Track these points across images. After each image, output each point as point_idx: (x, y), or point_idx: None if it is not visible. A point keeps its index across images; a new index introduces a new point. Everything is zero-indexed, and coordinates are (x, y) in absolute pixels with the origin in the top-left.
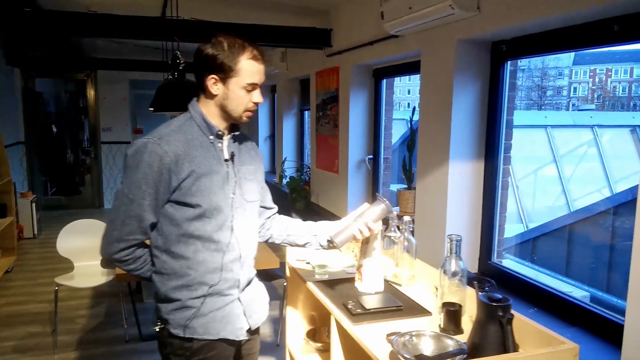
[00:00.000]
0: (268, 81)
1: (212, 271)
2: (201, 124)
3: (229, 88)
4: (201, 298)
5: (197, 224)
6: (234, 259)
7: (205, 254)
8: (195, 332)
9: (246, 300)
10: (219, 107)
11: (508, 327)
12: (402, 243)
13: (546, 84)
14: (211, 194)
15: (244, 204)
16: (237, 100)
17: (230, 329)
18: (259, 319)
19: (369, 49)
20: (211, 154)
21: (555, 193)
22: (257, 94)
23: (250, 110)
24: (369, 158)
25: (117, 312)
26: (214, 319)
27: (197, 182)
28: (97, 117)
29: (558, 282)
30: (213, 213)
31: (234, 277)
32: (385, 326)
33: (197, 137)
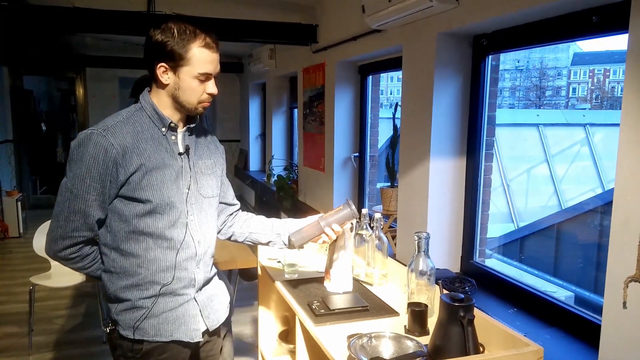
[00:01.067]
0: (258, 79)
1: (165, 270)
2: (152, 115)
3: (180, 77)
4: (152, 298)
5: (148, 220)
6: (189, 257)
7: (157, 252)
8: (145, 333)
9: (203, 300)
10: (171, 97)
11: (469, 328)
12: (373, 241)
13: (545, 84)
14: (162, 188)
15: (200, 199)
16: (190, 91)
17: (185, 330)
18: (217, 320)
19: (353, 44)
20: (163, 146)
21: (548, 193)
22: (212, 85)
23: (205, 101)
24: (354, 156)
25: (96, 313)
26: (166, 320)
27: (146, 176)
28: (86, 116)
29: (543, 282)
30: (165, 209)
31: (188, 277)
32: (349, 327)
33: (148, 129)
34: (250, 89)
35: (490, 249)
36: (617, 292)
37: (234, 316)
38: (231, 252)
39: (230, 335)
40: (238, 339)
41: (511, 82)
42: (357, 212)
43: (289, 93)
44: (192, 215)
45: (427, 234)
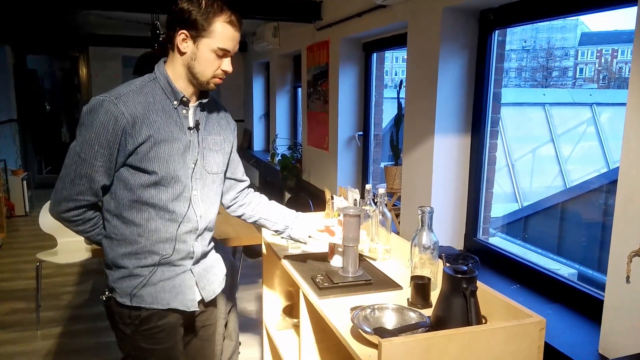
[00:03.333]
0: (261, 58)
1: (165, 241)
2: (165, 87)
3: (198, 48)
4: (151, 267)
5: (152, 191)
6: (190, 230)
7: (159, 223)
8: (142, 300)
9: (199, 272)
10: (186, 67)
11: (472, 300)
12: (377, 217)
13: (552, 65)
14: (169, 161)
15: (205, 175)
16: (206, 64)
17: (181, 299)
18: (212, 291)
19: (358, 21)
20: (173, 120)
21: (553, 173)
22: (228, 62)
23: (218, 77)
24: (358, 134)
25: (102, 289)
26: (163, 289)
27: (154, 148)
28: (90, 95)
29: (547, 260)
30: (170, 182)
31: (187, 249)
32: (353, 300)
33: (160, 101)
34: (254, 68)
35: (494, 228)
36: (621, 267)
37: (239, 293)
38: (236, 229)
39: (235, 310)
40: (243, 315)
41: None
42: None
43: (293, 72)
44: (196, 190)
45: (430, 208)
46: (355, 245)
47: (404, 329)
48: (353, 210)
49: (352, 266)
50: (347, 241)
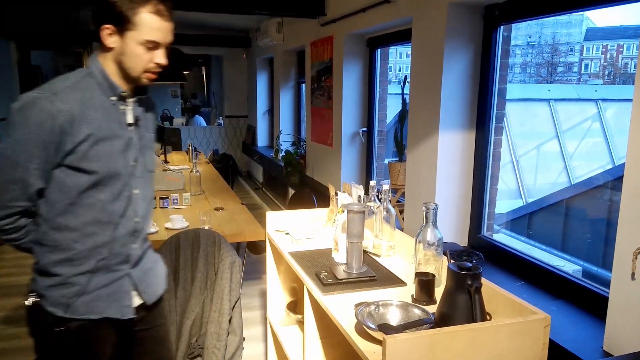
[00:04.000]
0: (265, 54)
1: (102, 245)
2: (102, 83)
3: (125, 42)
4: (87, 274)
5: (90, 192)
6: (129, 232)
7: (96, 226)
8: (76, 311)
9: (138, 276)
10: (116, 63)
11: (476, 296)
12: (381, 213)
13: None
14: (110, 160)
15: (145, 173)
16: (135, 58)
17: (117, 307)
18: (154, 294)
19: (362, 16)
20: (113, 116)
21: (558, 169)
22: (160, 54)
23: (151, 71)
24: (362, 130)
25: None
26: (98, 297)
27: (95, 147)
28: None
29: (551, 256)
30: (110, 181)
31: (125, 252)
32: (357, 296)
33: (97, 97)
34: (258, 64)
35: (499, 224)
36: (626, 264)
37: (243, 288)
38: (239, 226)
39: (239, 306)
40: (247, 311)
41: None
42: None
43: (297, 67)
44: (138, 190)
45: (435, 204)
46: (360, 242)
47: (408, 326)
48: (357, 207)
49: (356, 262)
50: (351, 237)
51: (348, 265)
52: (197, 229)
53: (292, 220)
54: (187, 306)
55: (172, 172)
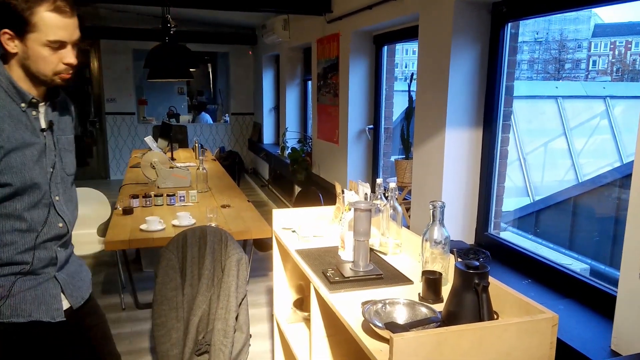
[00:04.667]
0: (271, 51)
1: (23, 252)
2: (9, 90)
3: (27, 45)
4: (10, 277)
5: (6, 203)
6: (53, 237)
7: (15, 235)
8: (1, 314)
9: (64, 279)
10: (22, 68)
11: (483, 295)
12: (387, 211)
13: (564, 57)
14: (24, 170)
15: (65, 178)
16: (41, 61)
17: (45, 309)
18: (81, 297)
19: (368, 13)
20: (23, 124)
21: (565, 167)
22: (68, 53)
23: (61, 72)
24: (369, 128)
25: (114, 281)
26: (24, 300)
27: (5, 159)
28: (101, 88)
29: (558, 255)
30: (27, 191)
31: (50, 256)
32: (363, 294)
33: (5, 106)
34: (264, 61)
35: (506, 222)
36: (634, 262)
37: (250, 285)
38: (245, 223)
39: (245, 303)
40: (253, 308)
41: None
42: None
43: (303, 65)
44: (58, 195)
45: (442, 203)
46: (366, 240)
47: (415, 324)
48: (364, 205)
49: (362, 260)
50: (357, 235)
51: (355, 263)
52: (203, 226)
53: (298, 218)
54: (194, 303)
55: (178, 170)
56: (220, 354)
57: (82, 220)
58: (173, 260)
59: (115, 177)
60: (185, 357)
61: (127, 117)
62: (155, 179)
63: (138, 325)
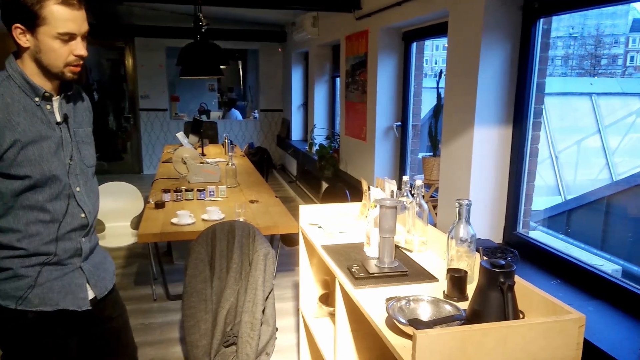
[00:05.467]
0: (300, 48)
1: (48, 243)
2: (22, 85)
3: (38, 39)
4: (36, 267)
5: (28, 195)
6: (76, 228)
7: (39, 226)
8: (29, 303)
9: (89, 269)
10: (35, 62)
11: (509, 294)
12: (413, 208)
13: (600, 53)
14: (42, 162)
15: (85, 169)
16: (52, 54)
17: (71, 298)
18: (104, 287)
19: (397, 9)
20: (38, 118)
21: (599, 165)
22: (78, 46)
23: (72, 64)
24: (396, 125)
25: (147, 272)
26: (51, 289)
27: (22, 152)
28: (135, 85)
29: (589, 255)
30: (47, 182)
31: (74, 247)
32: (388, 291)
33: (19, 100)
34: (293, 58)
35: (535, 221)
36: None
37: (276, 280)
38: (273, 218)
39: (272, 297)
40: (280, 302)
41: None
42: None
43: (332, 62)
44: (79, 187)
45: (468, 201)
46: (392, 237)
47: (438, 321)
48: (390, 202)
49: (387, 257)
50: (383, 232)
51: (380, 259)
52: (232, 221)
53: (325, 214)
54: (223, 295)
55: (208, 165)
56: (247, 346)
57: (117, 213)
58: (202, 253)
59: (148, 171)
60: (213, 347)
61: (160, 114)
62: (186, 174)
63: (169, 315)
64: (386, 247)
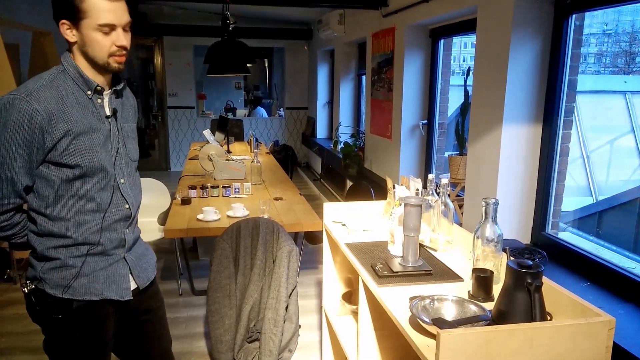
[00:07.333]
0: (326, 45)
1: (95, 232)
2: (76, 78)
3: (82, 32)
4: (82, 257)
5: (77, 184)
6: (120, 219)
7: (87, 215)
8: (76, 292)
9: (133, 260)
10: (83, 56)
11: (536, 295)
12: (439, 207)
13: (635, 50)
14: (92, 153)
15: (130, 163)
16: (95, 45)
17: (115, 288)
18: (147, 278)
19: (425, 6)
20: (90, 110)
21: (633, 166)
22: (120, 36)
23: (116, 55)
24: (422, 123)
25: (173, 268)
26: (96, 279)
27: (74, 142)
28: (163, 83)
29: (621, 257)
30: (95, 173)
31: (119, 237)
32: (412, 290)
33: (73, 93)
34: (319, 56)
35: (565, 222)
36: None
37: (300, 277)
38: (297, 216)
39: (296, 294)
40: (303, 299)
41: (598, 48)
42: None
43: (358, 59)
44: (123, 179)
45: (495, 200)
46: (416, 235)
47: (463, 321)
48: (414, 200)
49: (412, 256)
50: (407, 230)
51: (404, 258)
52: (257, 218)
53: (349, 212)
54: (247, 292)
55: (234, 162)
56: (270, 342)
57: (144, 209)
58: (227, 249)
59: (175, 168)
60: (237, 343)
61: (187, 111)
62: (212, 171)
63: (194, 310)
64: (410, 245)
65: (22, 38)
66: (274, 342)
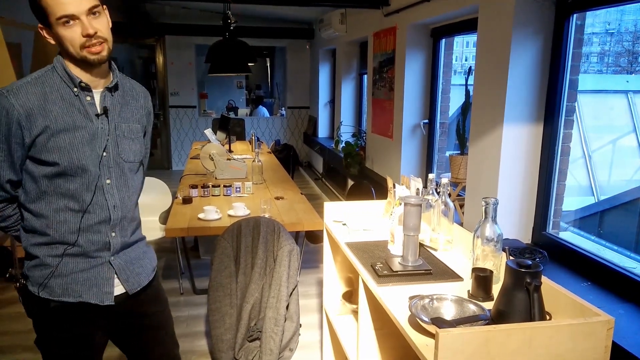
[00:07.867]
0: (328, 45)
1: (73, 232)
2: (63, 75)
3: (53, 31)
4: (59, 257)
5: (58, 182)
6: (102, 220)
7: (67, 214)
8: (52, 292)
9: (120, 264)
10: (66, 55)
11: (535, 295)
12: (439, 206)
13: (638, 50)
14: (72, 151)
15: (121, 163)
16: (66, 41)
17: (96, 292)
18: (138, 283)
19: (426, 5)
20: (75, 107)
21: (635, 165)
22: (83, 25)
23: (87, 45)
24: (424, 122)
25: (175, 267)
26: (75, 280)
27: (53, 139)
28: (165, 82)
29: (622, 257)
30: (76, 171)
31: (102, 240)
32: (411, 289)
33: (58, 89)
34: (320, 55)
35: (566, 222)
36: None
37: (300, 276)
38: (298, 215)
39: (296, 293)
40: (304, 298)
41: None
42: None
43: (359, 59)
44: (110, 180)
45: (494, 199)
46: (416, 235)
47: (462, 321)
48: (414, 199)
49: (412, 255)
50: (407, 230)
51: (404, 257)
52: (257, 217)
53: (349, 211)
54: (247, 291)
55: (235, 161)
56: (271, 341)
57: (145, 208)
58: (228, 248)
59: (177, 167)
60: (237, 341)
61: (188, 110)
62: (214, 170)
63: (195, 309)
64: (410, 245)
65: (25, 37)
66: (274, 341)
